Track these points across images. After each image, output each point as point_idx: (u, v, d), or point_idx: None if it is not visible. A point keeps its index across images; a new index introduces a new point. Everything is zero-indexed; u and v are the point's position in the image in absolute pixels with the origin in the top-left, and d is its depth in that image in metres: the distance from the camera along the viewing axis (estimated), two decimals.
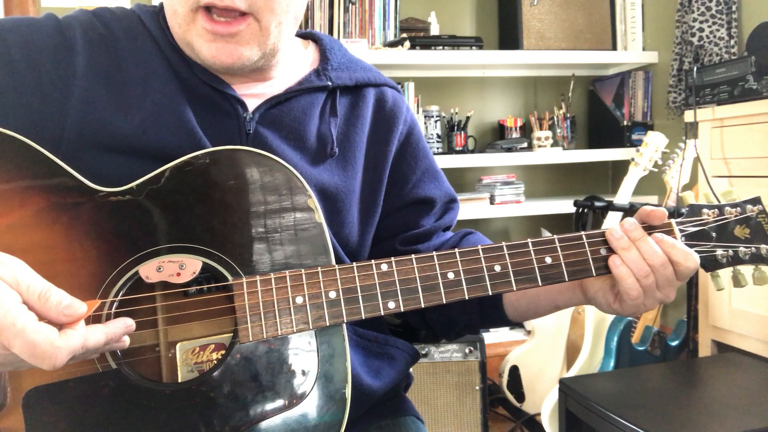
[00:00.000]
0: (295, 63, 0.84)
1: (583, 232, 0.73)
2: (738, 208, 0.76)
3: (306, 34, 0.91)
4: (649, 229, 0.74)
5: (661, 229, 0.74)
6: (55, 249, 0.63)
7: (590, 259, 0.72)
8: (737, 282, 0.76)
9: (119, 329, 0.58)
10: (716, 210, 0.76)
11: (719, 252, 0.75)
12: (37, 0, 2.31)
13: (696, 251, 0.72)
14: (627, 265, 0.70)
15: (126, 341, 0.59)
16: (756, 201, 0.77)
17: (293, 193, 0.68)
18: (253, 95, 0.79)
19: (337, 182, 0.81)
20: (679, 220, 0.75)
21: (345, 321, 0.66)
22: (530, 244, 0.72)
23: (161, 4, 0.78)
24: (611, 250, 0.72)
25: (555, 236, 0.73)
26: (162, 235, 0.65)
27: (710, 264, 0.75)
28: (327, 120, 0.82)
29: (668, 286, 0.71)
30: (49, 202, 0.64)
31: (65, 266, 0.63)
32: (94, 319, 0.62)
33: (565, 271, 0.72)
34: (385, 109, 0.88)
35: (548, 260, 0.71)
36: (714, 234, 0.75)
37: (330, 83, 0.82)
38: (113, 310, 0.63)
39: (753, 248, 0.75)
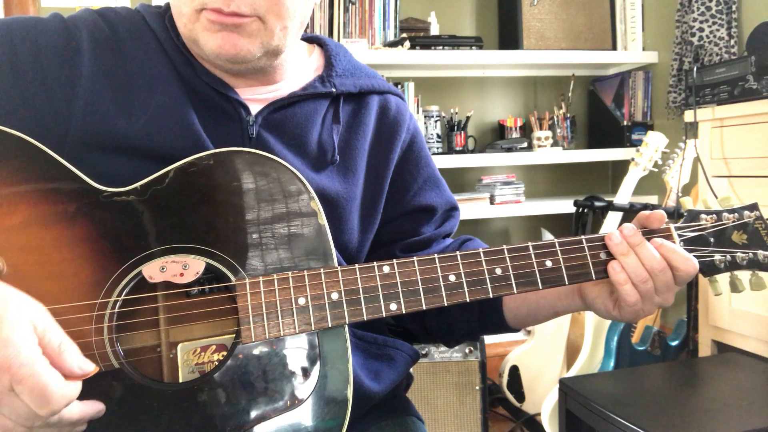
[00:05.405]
0: (299, 68, 0.84)
1: (583, 236, 0.73)
2: (736, 214, 0.77)
3: (312, 38, 0.91)
4: (649, 233, 0.74)
5: (661, 233, 0.74)
6: (58, 248, 0.63)
7: (590, 263, 0.72)
8: (734, 287, 0.77)
9: (91, 411, 0.59)
10: (714, 216, 0.77)
11: (717, 257, 0.75)
12: (37, 0, 2.31)
13: (694, 256, 0.72)
14: (625, 270, 0.70)
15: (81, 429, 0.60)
16: (753, 207, 0.77)
17: (296, 195, 0.68)
18: (256, 100, 0.79)
19: (337, 189, 0.81)
20: (677, 225, 0.76)
21: (347, 322, 0.67)
22: (531, 247, 0.72)
23: (167, 5, 0.78)
24: (611, 254, 0.72)
25: (555, 240, 0.73)
26: (166, 235, 0.65)
27: (708, 269, 0.76)
28: (329, 127, 0.82)
29: (667, 291, 0.72)
30: (53, 201, 0.64)
31: (69, 265, 0.63)
32: (96, 318, 0.63)
33: (565, 275, 0.72)
34: (388, 117, 0.88)
35: (549, 263, 0.72)
36: (712, 239, 0.76)
37: (334, 90, 0.82)
38: (116, 309, 0.63)
39: (750, 254, 0.75)
